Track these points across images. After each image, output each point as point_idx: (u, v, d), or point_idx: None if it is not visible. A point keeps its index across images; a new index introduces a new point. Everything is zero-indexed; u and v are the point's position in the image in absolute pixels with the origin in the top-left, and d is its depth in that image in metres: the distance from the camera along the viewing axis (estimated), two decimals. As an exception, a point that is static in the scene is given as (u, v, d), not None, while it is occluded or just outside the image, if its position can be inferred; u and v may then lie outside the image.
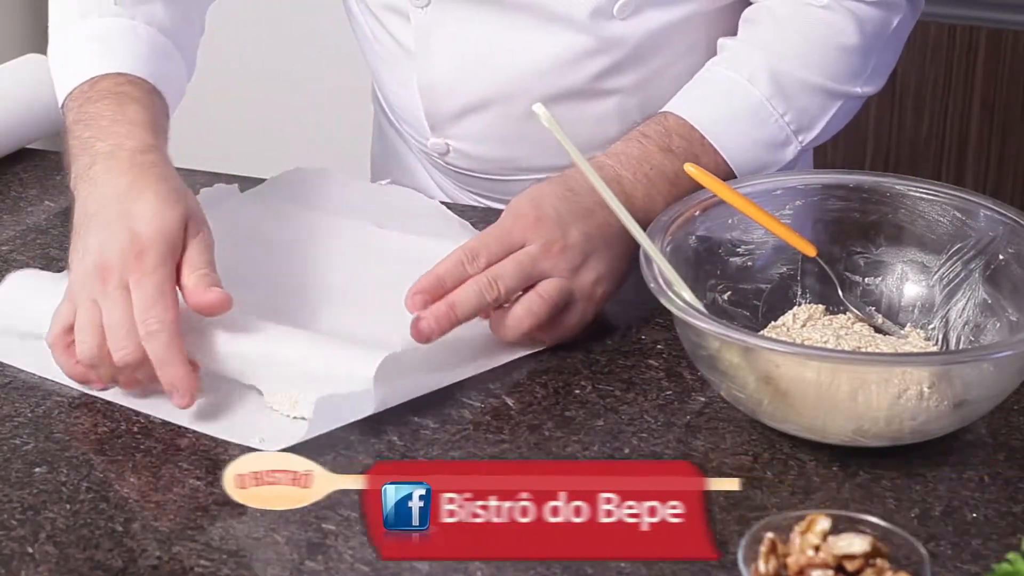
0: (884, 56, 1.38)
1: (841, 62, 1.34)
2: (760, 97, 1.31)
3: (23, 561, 1.01)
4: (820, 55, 1.33)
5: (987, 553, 1.01)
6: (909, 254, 1.22)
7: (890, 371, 1.05)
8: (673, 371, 1.19)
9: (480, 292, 1.16)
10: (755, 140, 1.31)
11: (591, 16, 1.36)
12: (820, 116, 1.34)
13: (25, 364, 1.20)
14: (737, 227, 1.22)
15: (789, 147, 1.33)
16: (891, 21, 1.36)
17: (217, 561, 1.01)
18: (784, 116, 1.32)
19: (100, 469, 1.10)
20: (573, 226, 1.20)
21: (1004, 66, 2.40)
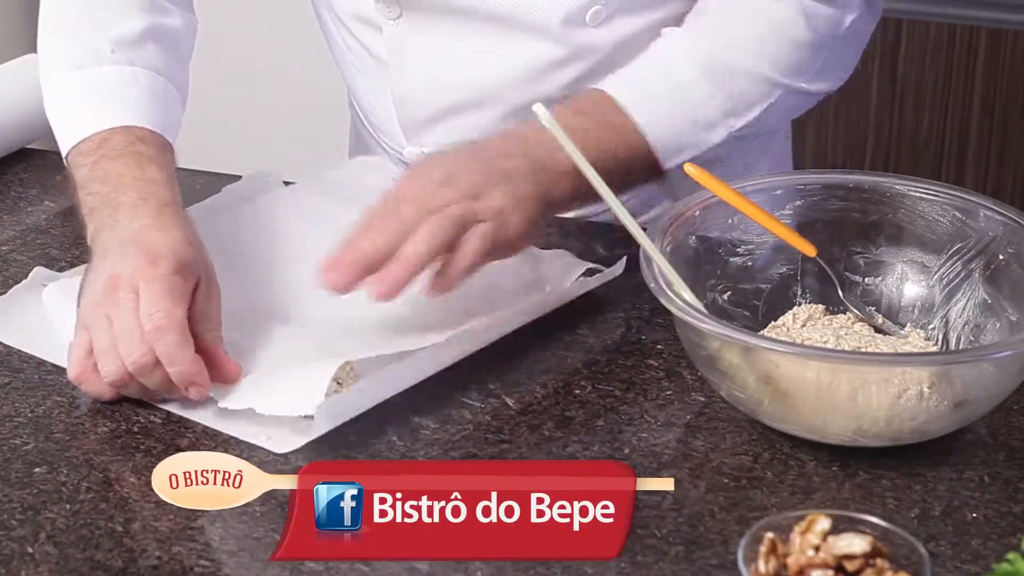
0: (838, 54, 1.37)
1: (784, 53, 1.34)
2: (689, 76, 1.31)
3: (23, 561, 1.01)
4: (761, 44, 1.33)
5: (987, 553, 1.01)
6: (909, 254, 1.22)
7: (890, 371, 1.05)
8: (673, 371, 1.19)
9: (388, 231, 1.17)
10: (679, 117, 1.31)
11: (562, 25, 1.37)
12: (756, 103, 1.34)
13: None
14: (737, 227, 1.22)
15: (717, 129, 1.33)
16: (843, 19, 1.35)
17: (217, 561, 1.01)
18: (714, 97, 1.32)
19: (100, 469, 1.10)
20: (467, 170, 1.21)
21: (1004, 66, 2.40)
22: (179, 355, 1.13)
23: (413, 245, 1.17)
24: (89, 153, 1.28)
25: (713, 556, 1.01)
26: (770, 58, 1.33)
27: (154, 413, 1.15)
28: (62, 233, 1.41)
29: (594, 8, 1.36)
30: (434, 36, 1.40)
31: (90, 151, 1.28)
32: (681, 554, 1.01)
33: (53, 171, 1.53)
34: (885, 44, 2.43)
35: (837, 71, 1.39)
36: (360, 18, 1.44)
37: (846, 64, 1.40)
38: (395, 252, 1.17)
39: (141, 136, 1.29)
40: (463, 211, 1.18)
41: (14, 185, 1.50)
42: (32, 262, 1.35)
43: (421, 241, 1.17)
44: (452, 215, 1.18)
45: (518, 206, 1.21)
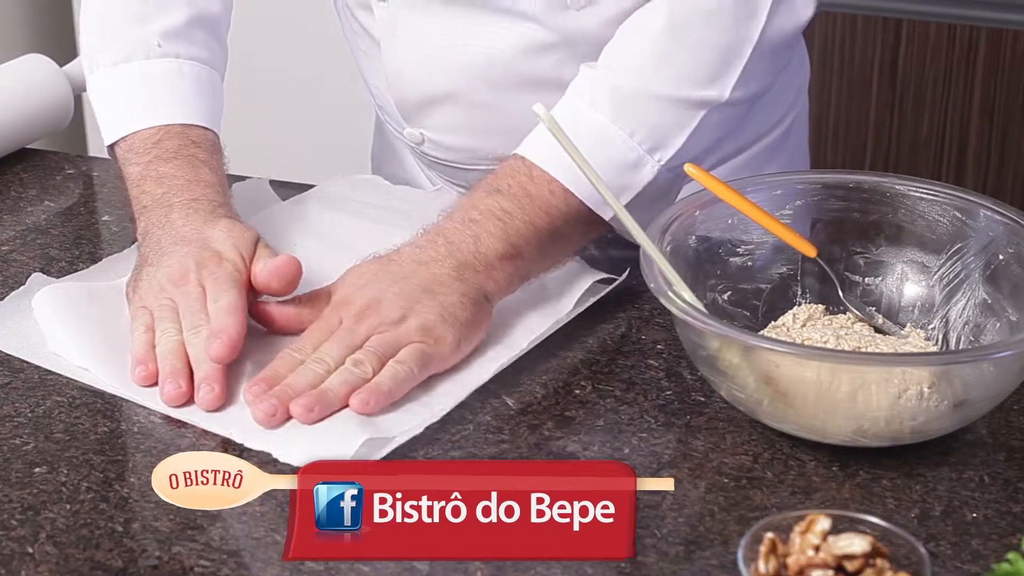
0: (761, 56, 1.29)
1: (692, 66, 1.27)
2: (601, 120, 1.26)
3: (23, 561, 1.01)
4: (663, 63, 1.27)
5: (987, 553, 1.01)
6: (909, 254, 1.22)
7: (890, 371, 1.05)
8: (673, 371, 1.20)
9: (310, 369, 1.16)
10: (600, 165, 1.20)
11: (545, 8, 1.36)
12: (677, 132, 1.27)
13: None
14: (737, 227, 1.22)
15: (644, 168, 1.26)
16: (757, 14, 1.27)
17: (217, 561, 1.01)
18: (633, 136, 1.26)
19: (100, 469, 1.10)
20: (387, 289, 1.19)
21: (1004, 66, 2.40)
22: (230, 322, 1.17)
23: (336, 377, 1.15)
24: (143, 152, 1.33)
25: (713, 556, 1.01)
26: (680, 76, 1.27)
27: (154, 413, 1.15)
28: (62, 233, 1.41)
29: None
30: (421, 18, 1.41)
31: (144, 150, 1.33)
32: (681, 554, 1.01)
33: (53, 171, 1.53)
34: (885, 44, 2.43)
35: (760, 74, 1.30)
36: (357, 2, 1.47)
37: (770, 65, 1.31)
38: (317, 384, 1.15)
39: (195, 139, 1.34)
40: (380, 342, 1.17)
41: (14, 185, 1.50)
42: (32, 262, 1.35)
43: (342, 376, 1.15)
44: (370, 349, 1.16)
45: (447, 318, 1.18)
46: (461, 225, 1.23)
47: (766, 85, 1.33)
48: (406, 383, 1.15)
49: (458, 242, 1.22)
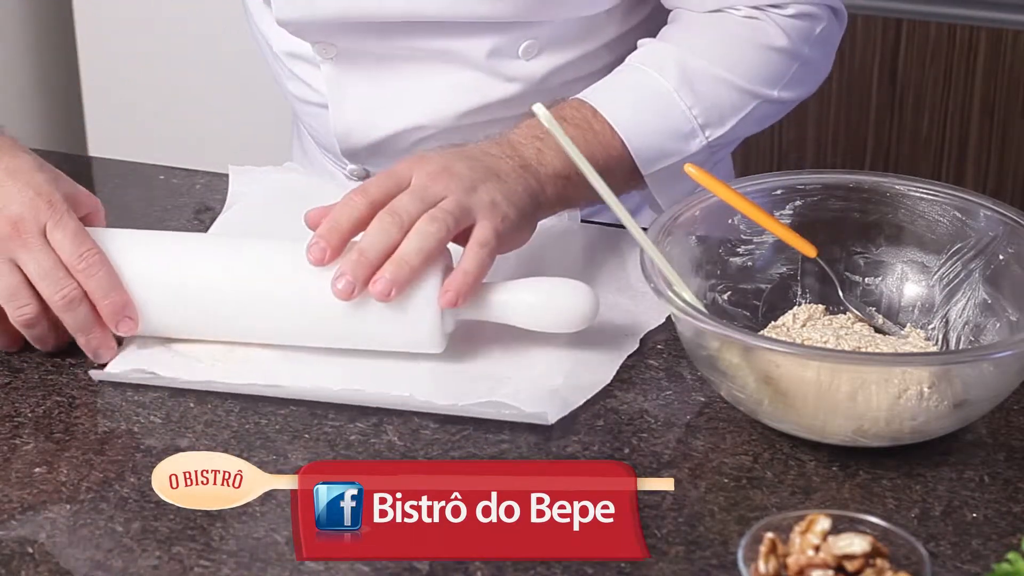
0: (810, 64, 1.38)
1: (759, 64, 1.35)
2: (667, 87, 1.32)
3: (23, 561, 1.01)
4: (736, 55, 1.35)
5: (987, 553, 1.01)
6: (909, 254, 1.22)
7: (890, 371, 1.05)
8: (673, 371, 1.19)
9: (383, 229, 1.16)
10: (656, 127, 1.31)
11: (489, 58, 1.40)
12: (731, 114, 1.34)
13: None
14: (737, 227, 1.22)
15: (694, 140, 1.33)
16: (813, 29, 1.37)
17: (217, 561, 1.01)
18: (691, 109, 1.32)
19: (100, 469, 1.10)
20: (458, 162, 1.21)
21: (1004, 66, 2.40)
22: (112, 288, 1.17)
23: (412, 243, 1.16)
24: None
25: (713, 556, 1.01)
26: (746, 68, 1.34)
27: (154, 413, 1.15)
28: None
29: (526, 42, 1.40)
30: (370, 72, 1.43)
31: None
32: (681, 554, 1.01)
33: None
34: (885, 44, 2.43)
35: (809, 79, 1.40)
36: (294, 55, 1.48)
37: (819, 72, 1.41)
38: (394, 247, 1.16)
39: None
40: (456, 204, 1.18)
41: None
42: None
43: (419, 240, 1.16)
44: (447, 209, 1.17)
45: (511, 199, 1.21)
46: (525, 139, 1.26)
47: (815, 86, 1.41)
48: (487, 265, 1.17)
49: (522, 149, 1.25)
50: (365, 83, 1.44)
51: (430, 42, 1.40)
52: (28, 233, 1.17)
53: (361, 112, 1.45)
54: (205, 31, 2.67)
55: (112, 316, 1.18)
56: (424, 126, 1.44)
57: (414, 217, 1.17)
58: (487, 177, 1.21)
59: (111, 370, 1.19)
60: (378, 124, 1.45)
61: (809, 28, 1.37)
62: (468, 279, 1.16)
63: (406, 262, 1.15)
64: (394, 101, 1.44)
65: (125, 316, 1.18)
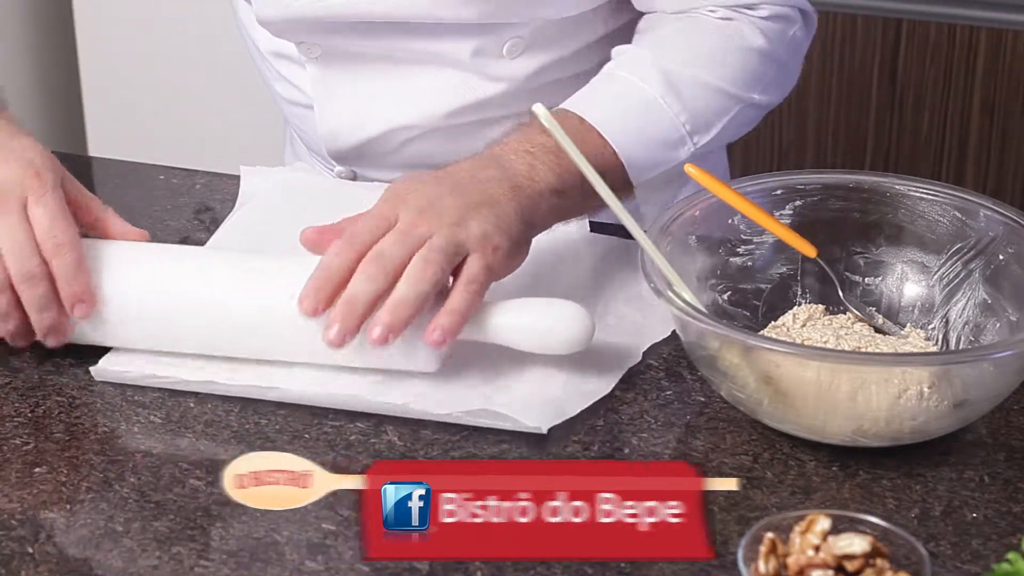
0: (784, 67, 1.38)
1: (739, 66, 1.34)
2: (653, 94, 1.30)
3: (23, 561, 1.01)
4: (716, 57, 1.33)
5: (987, 553, 1.01)
6: (909, 254, 1.22)
7: (890, 371, 1.05)
8: (673, 371, 1.19)
9: (369, 276, 1.13)
10: (647, 136, 1.29)
11: (473, 57, 1.39)
12: (716, 120, 1.32)
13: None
14: (737, 227, 1.22)
15: (683, 148, 1.31)
16: (787, 31, 1.37)
17: (217, 561, 1.01)
18: (679, 116, 1.30)
19: (100, 469, 1.10)
20: (446, 196, 1.17)
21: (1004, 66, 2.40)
22: (76, 273, 1.17)
23: (406, 289, 1.13)
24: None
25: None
26: (727, 71, 1.33)
27: (154, 413, 1.16)
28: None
29: (510, 41, 1.39)
30: (355, 72, 1.43)
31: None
32: (681, 554, 1.01)
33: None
34: (885, 44, 2.43)
35: (784, 84, 1.39)
36: (280, 55, 1.47)
37: (791, 77, 1.40)
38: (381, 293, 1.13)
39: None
40: (447, 242, 1.14)
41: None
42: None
43: (413, 284, 1.13)
44: (437, 248, 1.14)
45: (502, 228, 1.17)
46: (515, 155, 1.23)
47: (788, 90, 1.40)
48: (477, 302, 1.14)
49: (512, 168, 1.22)
50: (350, 83, 1.44)
51: (413, 42, 1.40)
52: (8, 203, 1.17)
53: (347, 113, 1.45)
54: (205, 31, 2.67)
55: (69, 299, 1.17)
56: (411, 126, 1.44)
57: (400, 262, 1.14)
58: (477, 206, 1.17)
59: (110, 367, 1.18)
60: (364, 125, 1.45)
61: (783, 30, 1.36)
62: (455, 318, 1.13)
63: (401, 306, 1.12)
64: (380, 101, 1.44)
65: (80, 300, 1.17)
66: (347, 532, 1.03)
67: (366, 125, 1.45)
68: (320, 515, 1.04)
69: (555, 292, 1.24)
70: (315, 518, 1.04)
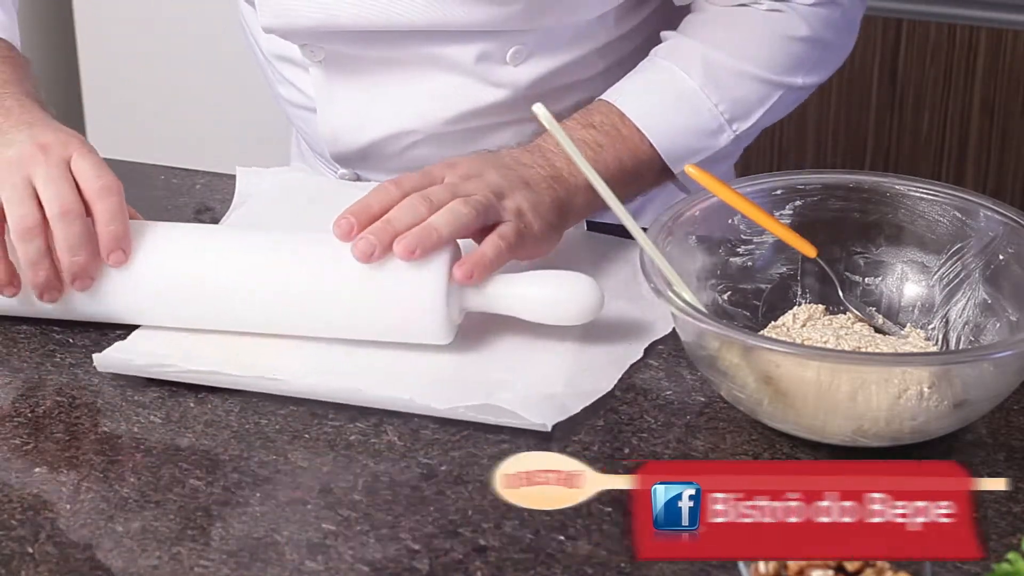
0: (830, 47, 1.40)
1: (782, 54, 1.36)
2: (693, 85, 1.34)
3: (23, 561, 1.01)
4: (759, 48, 1.36)
5: (987, 553, 1.01)
6: (909, 254, 1.22)
7: (890, 371, 1.05)
8: (673, 371, 1.19)
9: (412, 205, 1.18)
10: (685, 126, 1.33)
11: (477, 63, 1.40)
12: (757, 106, 1.36)
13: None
14: (737, 227, 1.22)
15: (723, 135, 1.35)
16: (834, 15, 1.38)
17: (217, 561, 1.01)
18: (718, 105, 1.34)
19: (100, 469, 1.10)
20: (490, 168, 1.23)
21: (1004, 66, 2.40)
22: (117, 216, 1.19)
23: (442, 216, 1.17)
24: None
25: (713, 556, 1.01)
26: (769, 60, 1.36)
27: (154, 413, 1.16)
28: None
29: (514, 48, 1.40)
30: (358, 76, 1.43)
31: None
32: (681, 554, 1.01)
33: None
34: (885, 44, 2.43)
35: (829, 65, 1.41)
36: (283, 57, 1.48)
37: (841, 52, 1.42)
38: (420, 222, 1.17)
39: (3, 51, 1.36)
40: (485, 199, 1.20)
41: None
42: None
43: (450, 214, 1.17)
44: (475, 201, 1.19)
45: (537, 210, 1.23)
46: (556, 148, 1.27)
47: (837, 66, 1.42)
48: (504, 258, 1.19)
49: (554, 159, 1.27)
50: (353, 87, 1.44)
51: (417, 48, 1.40)
52: (52, 156, 1.20)
53: (349, 116, 1.46)
54: (205, 31, 2.67)
55: (108, 243, 1.19)
56: (413, 131, 1.44)
57: (442, 201, 1.18)
58: (517, 185, 1.23)
59: (114, 354, 1.19)
60: (367, 128, 1.45)
61: (830, 15, 1.38)
62: (485, 260, 1.18)
63: (434, 229, 1.17)
64: (382, 105, 1.44)
65: (119, 248, 1.19)
66: (347, 532, 1.03)
67: (368, 129, 1.45)
68: (320, 515, 1.04)
69: None
70: (315, 518, 1.04)
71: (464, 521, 1.04)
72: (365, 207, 1.18)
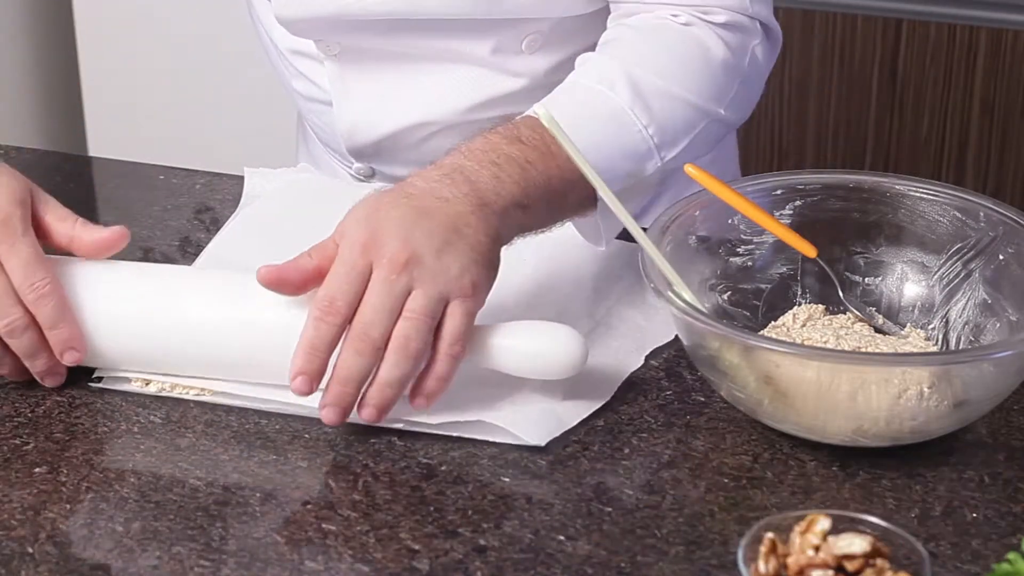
0: (747, 83, 1.33)
1: (705, 77, 1.29)
2: (621, 104, 1.25)
3: (23, 561, 1.01)
4: (683, 68, 1.29)
5: (987, 553, 1.01)
6: (909, 254, 1.22)
7: (890, 371, 1.05)
8: (673, 371, 1.19)
9: (358, 352, 1.09)
10: (613, 145, 1.23)
11: (493, 54, 1.39)
12: (683, 133, 1.28)
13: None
14: (737, 227, 1.22)
15: (650, 161, 1.26)
16: (748, 44, 1.33)
17: (217, 561, 1.01)
18: (647, 128, 1.25)
19: (100, 469, 1.10)
20: (414, 228, 1.12)
21: (1004, 66, 2.40)
22: (60, 320, 1.15)
23: (388, 372, 1.10)
24: None
25: (713, 556, 1.01)
26: (693, 83, 1.29)
27: (154, 413, 1.16)
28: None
29: (529, 36, 1.39)
30: (374, 69, 1.43)
31: None
32: (681, 554, 1.01)
33: (53, 171, 1.53)
34: (885, 44, 2.43)
35: (744, 103, 1.34)
36: (298, 52, 1.47)
37: (752, 96, 1.36)
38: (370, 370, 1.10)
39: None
40: (427, 300, 1.10)
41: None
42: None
43: (398, 365, 1.10)
44: (419, 312, 1.10)
45: (476, 260, 1.13)
46: (480, 166, 1.17)
47: (750, 110, 1.36)
48: (460, 360, 1.12)
49: (478, 182, 1.16)
50: (369, 80, 1.44)
51: (433, 39, 1.40)
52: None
53: (366, 109, 1.45)
54: (206, 31, 2.67)
55: (58, 346, 1.15)
56: (430, 122, 1.44)
57: (384, 333, 1.09)
58: (448, 238, 1.12)
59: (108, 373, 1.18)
60: (383, 121, 1.45)
61: (744, 42, 1.32)
62: (441, 385, 1.11)
63: (387, 388, 1.10)
64: (399, 98, 1.44)
65: (70, 347, 1.15)
66: (347, 532, 1.03)
67: (385, 121, 1.45)
68: (320, 515, 1.04)
69: (558, 297, 1.24)
70: (315, 518, 1.04)
71: (464, 521, 1.04)
72: (312, 354, 1.10)
